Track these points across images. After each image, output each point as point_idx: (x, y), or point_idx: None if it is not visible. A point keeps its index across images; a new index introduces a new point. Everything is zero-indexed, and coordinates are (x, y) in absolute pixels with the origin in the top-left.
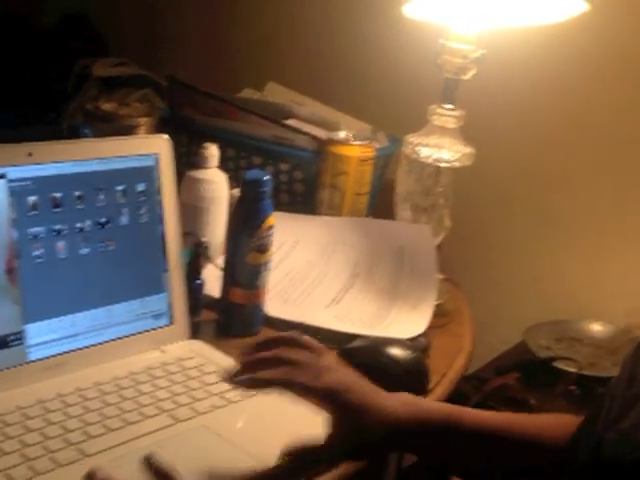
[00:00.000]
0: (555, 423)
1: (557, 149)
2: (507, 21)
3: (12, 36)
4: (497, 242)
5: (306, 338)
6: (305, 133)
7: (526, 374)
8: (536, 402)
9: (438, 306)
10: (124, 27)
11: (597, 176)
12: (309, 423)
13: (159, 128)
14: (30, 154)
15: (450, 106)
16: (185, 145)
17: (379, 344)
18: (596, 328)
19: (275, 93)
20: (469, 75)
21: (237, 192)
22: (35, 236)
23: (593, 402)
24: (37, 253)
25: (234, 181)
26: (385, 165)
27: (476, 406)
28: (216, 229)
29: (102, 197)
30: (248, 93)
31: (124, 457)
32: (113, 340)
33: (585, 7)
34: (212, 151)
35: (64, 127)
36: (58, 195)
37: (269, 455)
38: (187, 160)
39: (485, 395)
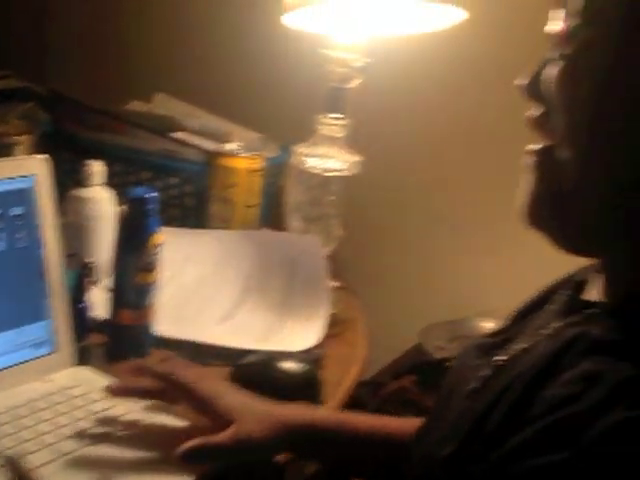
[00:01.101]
0: None
1: (443, 152)
2: (390, 30)
3: None
4: (392, 246)
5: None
6: (193, 146)
7: (421, 376)
8: (432, 403)
9: (332, 315)
10: (7, 37)
11: (482, 177)
12: None
13: (41, 146)
14: None
15: (336, 115)
16: (69, 162)
17: (272, 359)
18: (488, 325)
19: (164, 105)
20: (354, 84)
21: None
22: None
23: None
24: None
25: (123, 198)
26: (277, 175)
27: (374, 411)
28: (103, 249)
29: None
30: (136, 105)
31: None
32: None
33: (464, 15)
34: (95, 168)
35: None
36: None
37: None
38: (72, 178)
39: (382, 400)
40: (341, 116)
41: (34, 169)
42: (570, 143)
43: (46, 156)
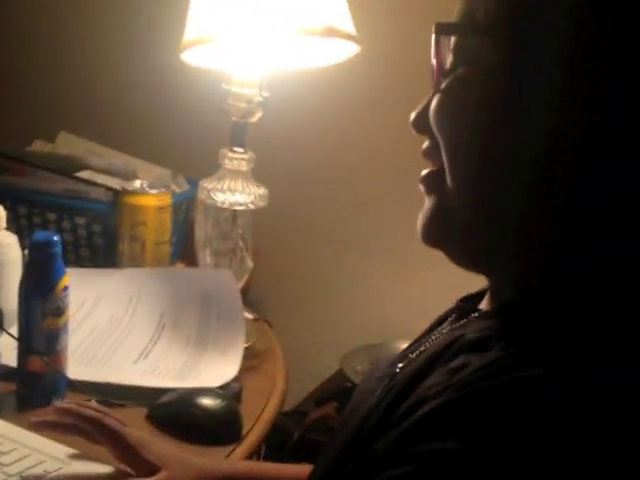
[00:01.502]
0: None
1: (349, 179)
2: (287, 65)
3: None
4: (308, 274)
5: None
6: (98, 184)
7: (343, 402)
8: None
9: (249, 348)
10: None
11: (388, 201)
12: None
13: None
14: None
15: (240, 149)
16: None
17: (189, 396)
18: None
19: (68, 143)
20: (256, 117)
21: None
22: None
23: None
24: None
25: (28, 240)
26: (188, 209)
27: (298, 440)
28: (10, 294)
29: None
30: (39, 145)
31: None
32: None
33: (356, 48)
34: None
35: None
36: None
37: None
38: None
39: (306, 428)
40: (244, 150)
41: None
42: (451, 171)
43: None
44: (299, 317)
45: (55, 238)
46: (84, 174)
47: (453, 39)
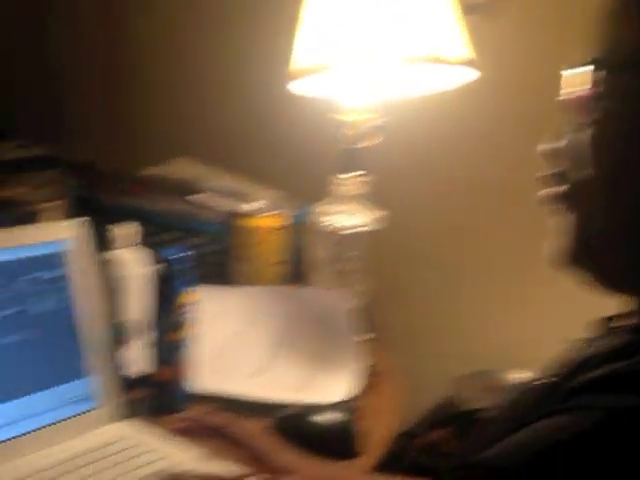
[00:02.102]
0: None
1: (466, 203)
2: (403, 91)
3: None
4: (419, 298)
5: None
6: (213, 207)
7: (457, 427)
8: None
9: (368, 367)
10: (25, 107)
11: (508, 227)
12: None
13: (67, 211)
14: None
15: (352, 174)
16: (94, 226)
17: (307, 411)
18: (520, 376)
19: (181, 168)
20: (371, 142)
21: (153, 269)
22: None
23: None
24: None
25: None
26: (300, 232)
27: (410, 463)
28: (134, 307)
29: (13, 286)
30: (154, 170)
31: None
32: (37, 430)
33: (477, 74)
34: (121, 231)
35: None
36: None
37: None
38: (100, 241)
39: (419, 451)
40: (357, 174)
41: (67, 233)
42: (597, 193)
43: (84, 219)
44: (409, 340)
45: (180, 255)
46: (199, 197)
47: (601, 73)
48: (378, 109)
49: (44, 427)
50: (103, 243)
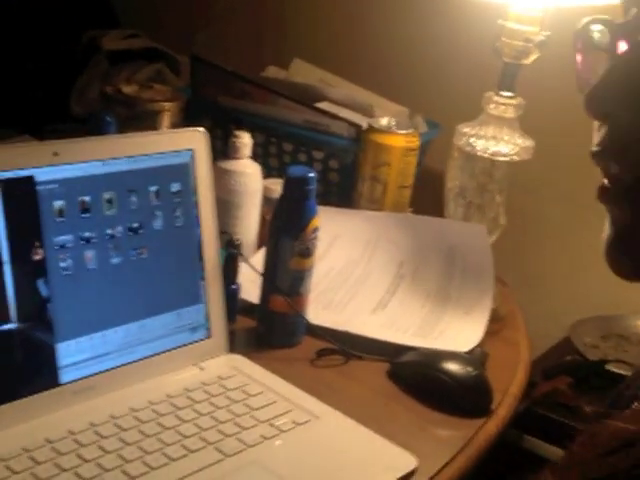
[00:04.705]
0: None
1: None
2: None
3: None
4: (547, 238)
5: None
6: (341, 118)
7: (577, 378)
8: (590, 410)
9: (491, 311)
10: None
11: None
12: (372, 452)
13: (183, 113)
14: (56, 153)
15: (509, 94)
16: (209, 130)
17: (434, 358)
18: None
19: (301, 71)
20: (530, 60)
21: (270, 184)
22: (62, 245)
23: None
24: (65, 264)
25: (263, 170)
26: (423, 153)
27: (524, 413)
28: (249, 225)
29: (134, 199)
30: (272, 72)
31: None
32: (148, 357)
33: None
34: (245, 140)
35: (76, 109)
36: (87, 199)
37: None
38: (215, 149)
39: (533, 401)
40: (512, 95)
41: (192, 142)
42: None
43: (203, 129)
44: (529, 281)
45: (312, 174)
46: (322, 105)
47: None
48: (544, 20)
49: (153, 355)
50: (219, 152)
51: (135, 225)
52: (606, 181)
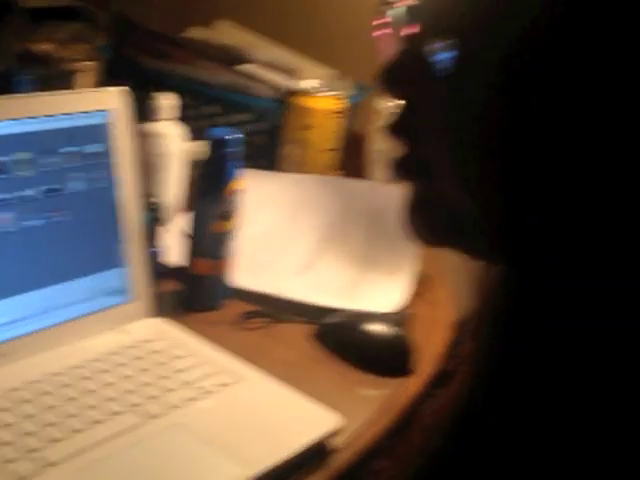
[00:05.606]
0: None
1: None
2: None
3: None
4: None
5: None
6: (266, 81)
7: None
8: None
9: (417, 272)
10: None
11: None
12: (297, 412)
13: (101, 74)
14: None
15: None
16: (131, 92)
17: (358, 319)
18: None
19: (227, 33)
20: None
21: (192, 146)
22: None
23: None
24: None
25: (191, 135)
26: (351, 116)
27: (448, 372)
28: (170, 188)
29: (49, 160)
30: (196, 32)
31: (93, 465)
32: (66, 322)
33: None
34: (165, 102)
35: None
36: (1, 159)
37: (257, 458)
38: (137, 111)
39: (460, 360)
40: None
41: (112, 102)
42: None
43: (124, 88)
44: None
45: (231, 137)
46: (247, 67)
47: None
48: None
49: (73, 319)
50: (140, 114)
51: (52, 187)
52: (399, 156)
